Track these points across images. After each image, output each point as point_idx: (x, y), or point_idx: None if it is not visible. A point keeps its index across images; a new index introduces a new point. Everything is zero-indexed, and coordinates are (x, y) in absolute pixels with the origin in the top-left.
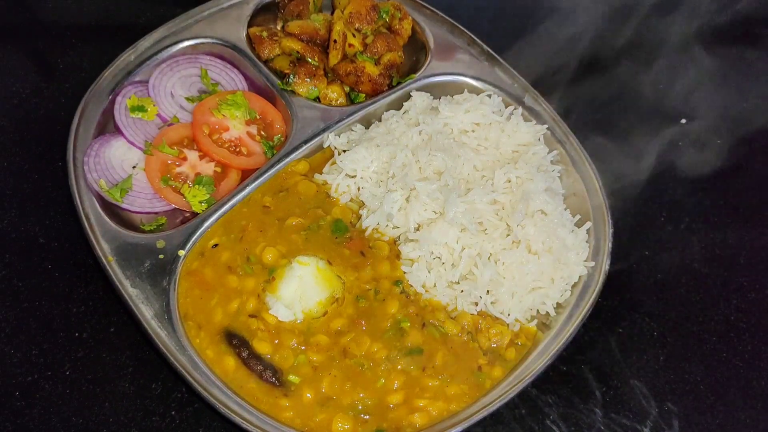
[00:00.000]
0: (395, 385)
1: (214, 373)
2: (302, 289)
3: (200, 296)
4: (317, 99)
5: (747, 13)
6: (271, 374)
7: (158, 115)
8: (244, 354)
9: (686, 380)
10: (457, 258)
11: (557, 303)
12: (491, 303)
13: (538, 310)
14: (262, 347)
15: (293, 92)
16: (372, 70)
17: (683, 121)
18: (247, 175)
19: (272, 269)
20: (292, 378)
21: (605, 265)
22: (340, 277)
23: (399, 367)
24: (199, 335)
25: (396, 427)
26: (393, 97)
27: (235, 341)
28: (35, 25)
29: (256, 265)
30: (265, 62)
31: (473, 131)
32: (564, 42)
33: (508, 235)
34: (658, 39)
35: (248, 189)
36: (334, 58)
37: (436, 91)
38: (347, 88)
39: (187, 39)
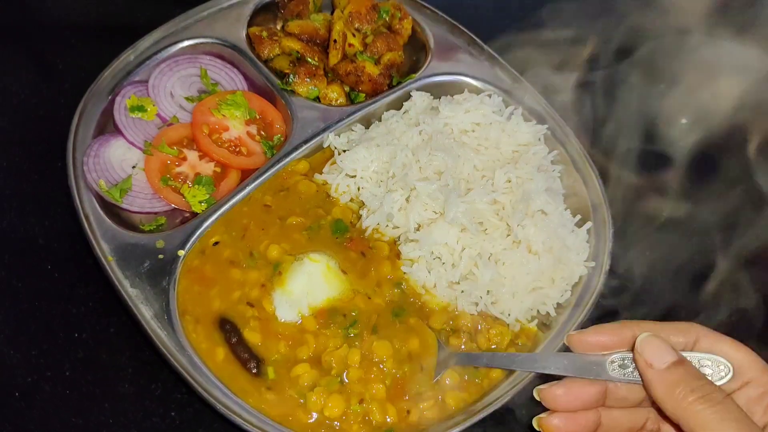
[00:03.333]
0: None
1: (208, 367)
2: (311, 284)
3: (199, 292)
4: (317, 99)
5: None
6: (254, 365)
7: (158, 115)
8: (233, 340)
9: None
10: (458, 258)
11: (558, 303)
12: (491, 303)
13: (538, 311)
14: (252, 337)
15: (293, 92)
16: (372, 69)
17: (683, 120)
18: (246, 175)
19: (277, 264)
20: (271, 375)
21: (606, 265)
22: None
23: (372, 375)
24: (196, 329)
25: (400, 427)
26: (393, 97)
27: (228, 326)
28: (35, 25)
29: (260, 260)
30: (265, 62)
31: (473, 131)
32: (564, 42)
33: (509, 235)
34: (659, 39)
35: (248, 189)
36: (334, 57)
37: (436, 91)
38: (347, 88)
39: (187, 39)
